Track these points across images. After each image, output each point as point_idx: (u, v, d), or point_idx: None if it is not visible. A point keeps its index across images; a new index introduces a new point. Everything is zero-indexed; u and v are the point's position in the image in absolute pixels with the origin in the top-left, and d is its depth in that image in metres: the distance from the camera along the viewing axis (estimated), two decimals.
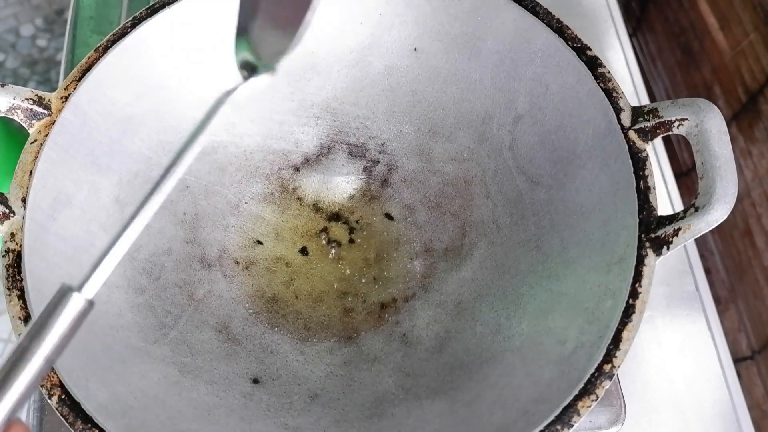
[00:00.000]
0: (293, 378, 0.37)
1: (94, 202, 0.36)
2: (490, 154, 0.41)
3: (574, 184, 0.36)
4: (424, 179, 0.43)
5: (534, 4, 0.37)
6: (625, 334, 0.30)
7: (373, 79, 0.43)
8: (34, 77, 1.04)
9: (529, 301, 0.36)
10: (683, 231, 0.30)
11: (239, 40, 0.31)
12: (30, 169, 0.34)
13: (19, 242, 0.32)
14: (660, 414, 0.45)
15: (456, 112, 0.42)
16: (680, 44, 0.62)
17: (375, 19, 0.41)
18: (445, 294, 0.40)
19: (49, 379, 0.30)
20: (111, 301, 0.35)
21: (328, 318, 0.40)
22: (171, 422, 0.32)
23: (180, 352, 0.35)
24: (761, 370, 0.53)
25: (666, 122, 0.33)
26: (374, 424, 0.34)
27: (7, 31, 1.06)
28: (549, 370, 0.32)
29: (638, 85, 0.56)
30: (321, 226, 0.43)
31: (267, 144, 0.43)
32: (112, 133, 0.37)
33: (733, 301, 0.56)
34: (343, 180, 0.44)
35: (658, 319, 0.47)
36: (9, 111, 0.34)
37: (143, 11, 0.38)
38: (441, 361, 0.37)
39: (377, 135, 0.44)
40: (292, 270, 0.41)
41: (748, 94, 0.53)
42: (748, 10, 0.52)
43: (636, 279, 0.31)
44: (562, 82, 0.37)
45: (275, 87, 0.42)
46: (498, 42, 0.39)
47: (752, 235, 0.53)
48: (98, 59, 0.36)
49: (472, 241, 0.41)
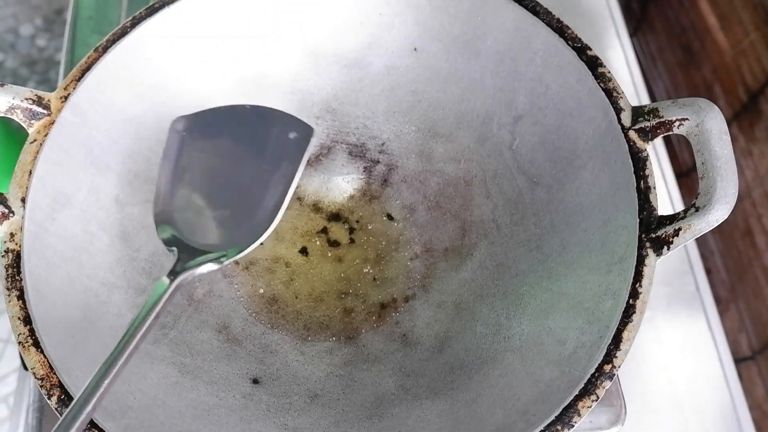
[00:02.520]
0: (293, 378, 0.37)
1: (93, 202, 0.36)
2: (490, 154, 0.41)
3: (575, 184, 0.36)
4: (424, 179, 0.43)
5: (534, 4, 0.37)
6: (625, 334, 0.30)
7: (373, 79, 0.43)
8: (33, 77, 1.04)
9: (530, 301, 0.36)
10: (684, 231, 0.30)
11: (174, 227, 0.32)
12: (29, 169, 0.33)
13: (19, 242, 0.32)
14: (660, 414, 0.45)
15: (456, 112, 0.42)
16: (681, 44, 0.62)
17: (375, 19, 0.41)
18: (445, 294, 0.40)
19: (48, 379, 0.30)
20: (111, 301, 0.35)
21: (328, 318, 0.40)
22: (171, 422, 0.32)
23: (180, 353, 0.35)
24: (762, 370, 0.53)
25: (666, 122, 0.33)
26: (374, 425, 0.34)
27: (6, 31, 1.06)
28: (549, 370, 0.32)
29: (638, 84, 0.56)
30: (321, 226, 0.43)
31: None
32: (112, 133, 0.37)
33: (733, 301, 0.56)
34: (343, 180, 0.44)
35: (658, 319, 0.47)
36: (8, 111, 0.34)
37: (143, 11, 0.38)
38: (441, 361, 0.37)
39: (377, 135, 0.44)
40: (292, 270, 0.41)
41: (749, 94, 0.53)
42: (748, 9, 0.52)
43: (636, 279, 0.31)
44: (562, 82, 0.37)
45: (275, 87, 0.42)
46: (498, 42, 0.39)
47: (753, 235, 0.53)
48: (98, 59, 0.36)
49: (472, 241, 0.41)
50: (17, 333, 0.30)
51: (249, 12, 0.40)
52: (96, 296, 0.34)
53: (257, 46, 0.41)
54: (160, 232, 0.32)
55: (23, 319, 0.31)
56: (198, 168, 0.34)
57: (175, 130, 0.34)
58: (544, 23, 0.37)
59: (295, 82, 0.42)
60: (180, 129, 0.34)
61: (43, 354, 0.30)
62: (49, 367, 0.30)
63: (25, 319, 0.31)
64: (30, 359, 0.30)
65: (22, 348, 0.30)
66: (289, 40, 0.41)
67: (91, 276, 0.35)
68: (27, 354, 0.30)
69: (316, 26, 0.41)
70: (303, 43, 0.42)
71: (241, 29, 0.40)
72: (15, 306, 0.31)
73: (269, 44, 0.41)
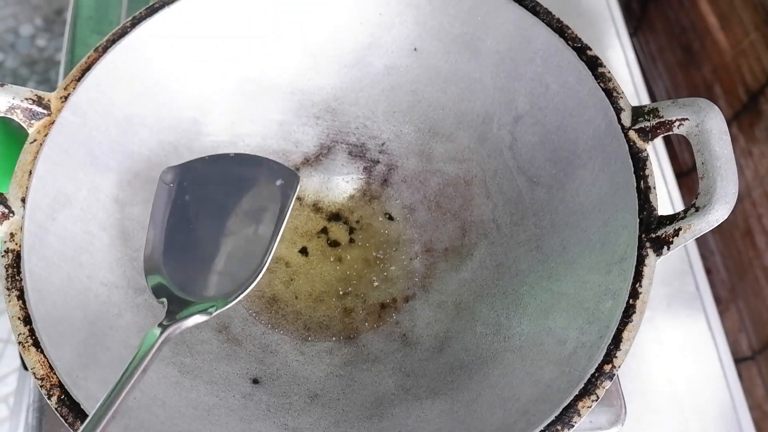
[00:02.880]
0: (293, 378, 0.37)
1: (93, 202, 0.36)
2: (490, 154, 0.41)
3: (575, 184, 0.36)
4: (424, 179, 0.43)
5: (534, 4, 0.37)
6: (625, 334, 0.30)
7: (373, 79, 0.43)
8: (33, 77, 1.04)
9: (530, 301, 0.36)
10: (684, 231, 0.30)
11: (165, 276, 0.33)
12: (29, 169, 0.33)
13: (19, 242, 0.32)
14: (660, 414, 0.45)
15: (456, 112, 0.42)
16: (681, 44, 0.62)
17: (375, 19, 0.41)
18: (445, 294, 0.40)
19: (48, 379, 0.30)
20: (111, 301, 0.35)
21: (328, 318, 0.40)
22: (171, 422, 0.32)
23: (180, 353, 0.35)
24: (762, 370, 0.53)
25: (666, 122, 0.33)
26: (374, 425, 0.34)
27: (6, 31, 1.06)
28: (549, 370, 0.32)
29: (638, 84, 0.56)
30: (321, 226, 0.43)
31: (266, 144, 0.43)
32: (112, 133, 0.37)
33: (733, 301, 0.56)
34: (343, 180, 0.44)
35: (658, 319, 0.47)
36: (8, 111, 0.34)
37: (143, 11, 0.38)
38: (441, 361, 0.37)
39: (377, 135, 0.44)
40: (292, 270, 0.41)
41: (749, 94, 0.53)
42: (748, 9, 0.52)
43: (636, 279, 0.31)
44: (562, 82, 0.37)
45: (275, 87, 0.42)
46: (498, 42, 0.39)
47: (753, 235, 0.53)
48: (98, 59, 0.36)
49: (472, 241, 0.41)
50: (17, 333, 0.30)
51: (249, 12, 0.40)
52: (96, 296, 0.34)
53: (257, 46, 0.41)
54: (150, 280, 0.33)
55: (23, 319, 0.31)
56: (186, 219, 0.35)
57: (163, 181, 0.35)
58: (544, 23, 0.37)
59: (295, 82, 0.43)
60: (168, 180, 0.36)
61: (43, 354, 0.30)
62: (49, 367, 0.30)
63: (25, 319, 0.31)
64: (30, 359, 0.30)
65: (22, 348, 0.30)
66: (289, 40, 0.41)
67: (91, 276, 0.35)
68: (27, 354, 0.30)
69: (316, 26, 0.41)
70: (303, 43, 0.42)
71: (241, 29, 0.40)
72: (15, 306, 0.31)
73: (269, 44, 0.41)
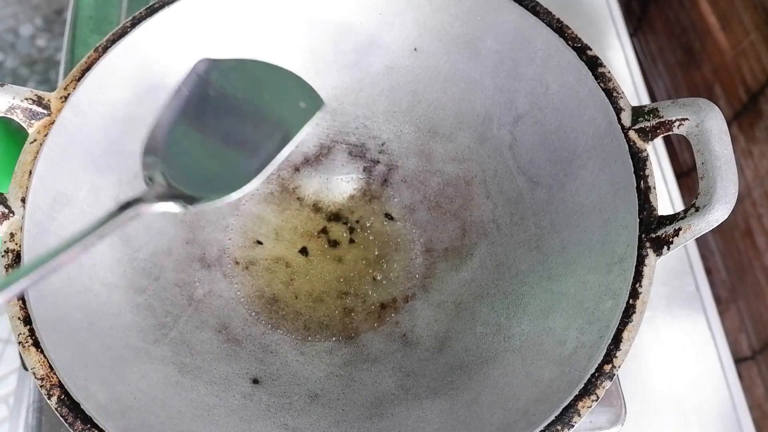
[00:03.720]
0: (293, 378, 0.37)
1: (93, 202, 0.36)
2: (490, 154, 0.41)
3: (575, 184, 0.36)
4: (424, 179, 0.43)
5: (534, 4, 0.37)
6: (625, 334, 0.30)
7: (373, 79, 0.43)
8: (33, 77, 1.04)
9: (530, 301, 0.36)
10: (684, 231, 0.30)
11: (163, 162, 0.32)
12: (29, 169, 0.33)
13: (19, 242, 0.32)
14: (660, 414, 0.44)
15: (456, 112, 0.42)
16: (681, 44, 0.62)
17: (375, 19, 0.41)
18: (445, 294, 0.40)
19: (48, 379, 0.30)
20: (110, 301, 0.35)
21: (328, 318, 0.40)
22: (171, 422, 0.32)
23: (180, 353, 0.35)
24: (762, 370, 0.53)
25: (666, 122, 0.33)
26: (374, 425, 0.34)
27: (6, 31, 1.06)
28: (549, 370, 0.32)
29: (639, 84, 0.56)
30: (321, 226, 0.43)
31: None
32: (112, 133, 0.37)
33: (733, 301, 0.56)
34: (343, 180, 0.44)
35: (658, 319, 0.47)
36: (8, 111, 0.34)
37: (143, 11, 0.38)
38: (441, 361, 0.37)
39: (377, 135, 0.44)
40: (292, 270, 0.41)
41: (749, 94, 0.53)
42: (749, 9, 0.52)
43: (636, 279, 0.31)
44: (562, 82, 0.37)
45: None
46: (498, 42, 0.39)
47: (753, 235, 0.53)
48: (98, 59, 0.36)
49: (472, 241, 0.41)
50: (17, 333, 0.30)
51: (249, 12, 0.40)
52: (96, 296, 0.34)
53: (257, 46, 0.41)
54: (145, 157, 0.32)
55: (23, 319, 0.31)
56: (200, 113, 0.34)
57: (195, 71, 0.34)
58: (544, 23, 0.37)
59: None
60: (200, 71, 0.34)
61: (43, 354, 0.30)
62: (49, 367, 0.30)
63: (25, 319, 0.31)
64: (30, 359, 0.30)
65: (22, 348, 0.30)
66: (289, 40, 0.41)
67: (91, 276, 0.35)
68: (27, 354, 0.30)
69: (316, 26, 0.41)
70: (303, 43, 0.42)
71: (241, 29, 0.40)
72: (15, 306, 0.31)
73: (269, 44, 0.41)
